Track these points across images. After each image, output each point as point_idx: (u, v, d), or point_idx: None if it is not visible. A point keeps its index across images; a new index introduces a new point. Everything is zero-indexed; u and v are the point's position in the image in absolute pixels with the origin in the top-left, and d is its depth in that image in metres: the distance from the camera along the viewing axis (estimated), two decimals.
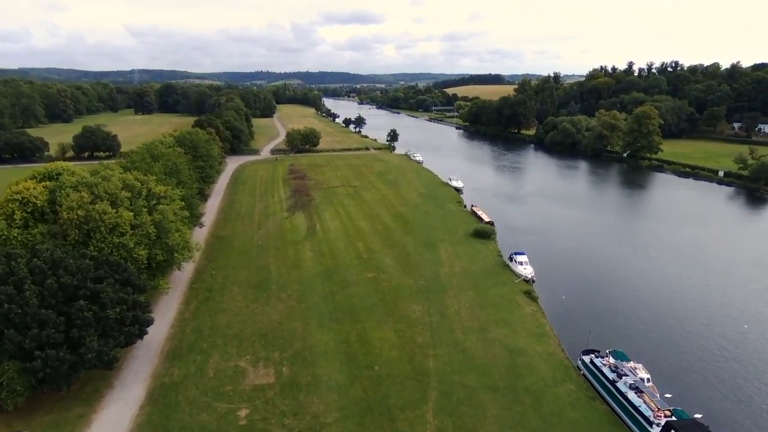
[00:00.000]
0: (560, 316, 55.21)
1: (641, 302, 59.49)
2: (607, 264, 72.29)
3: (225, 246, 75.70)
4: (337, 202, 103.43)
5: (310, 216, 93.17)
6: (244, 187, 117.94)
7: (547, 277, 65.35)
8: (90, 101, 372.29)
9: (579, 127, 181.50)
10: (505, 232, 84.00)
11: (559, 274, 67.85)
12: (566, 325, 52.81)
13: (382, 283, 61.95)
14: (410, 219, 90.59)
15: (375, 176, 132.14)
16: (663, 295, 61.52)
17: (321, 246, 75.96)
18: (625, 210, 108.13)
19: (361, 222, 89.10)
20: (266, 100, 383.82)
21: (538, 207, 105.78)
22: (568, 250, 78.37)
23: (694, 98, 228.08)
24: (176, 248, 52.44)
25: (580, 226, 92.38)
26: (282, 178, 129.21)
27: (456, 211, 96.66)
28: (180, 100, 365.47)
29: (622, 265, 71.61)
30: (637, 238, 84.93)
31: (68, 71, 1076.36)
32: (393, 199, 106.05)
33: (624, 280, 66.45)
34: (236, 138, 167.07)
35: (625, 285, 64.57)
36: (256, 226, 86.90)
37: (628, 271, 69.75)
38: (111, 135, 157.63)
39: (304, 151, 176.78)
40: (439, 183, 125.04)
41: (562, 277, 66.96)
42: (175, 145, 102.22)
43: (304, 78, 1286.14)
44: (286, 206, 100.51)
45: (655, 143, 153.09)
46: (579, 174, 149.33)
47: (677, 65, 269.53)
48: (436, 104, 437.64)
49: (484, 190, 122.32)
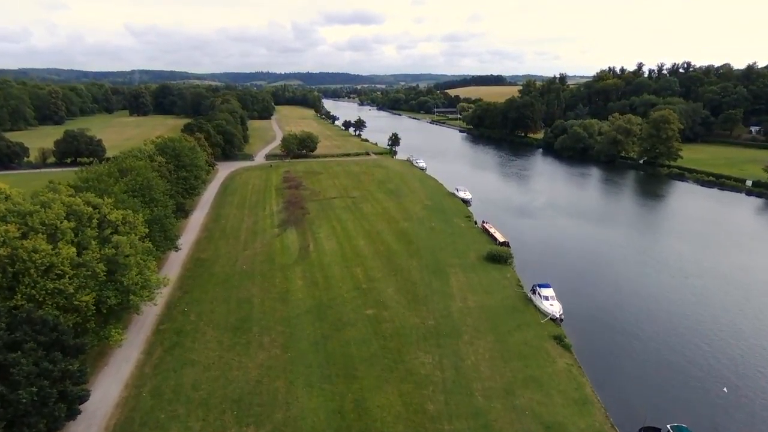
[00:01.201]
0: (600, 370, 45.68)
1: (701, 356, 49.86)
2: (647, 298, 61.99)
3: (204, 272, 66.15)
4: (333, 217, 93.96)
5: (304, 233, 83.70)
6: (234, 199, 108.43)
7: (575, 313, 55.81)
8: (84, 102, 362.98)
9: (591, 132, 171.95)
10: (521, 254, 74.34)
11: (590, 312, 58.17)
12: (611, 384, 43.31)
13: (383, 323, 52.41)
14: (415, 237, 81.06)
15: (375, 185, 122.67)
16: (724, 344, 51.94)
17: (314, 272, 66.46)
18: (654, 227, 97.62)
19: (360, 241, 79.60)
20: (264, 102, 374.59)
21: (555, 223, 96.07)
22: (595, 277, 68.74)
23: (709, 100, 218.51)
24: (133, 289, 42.91)
25: (605, 246, 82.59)
26: (275, 187, 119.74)
27: (465, 228, 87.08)
28: (176, 102, 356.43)
29: (665, 301, 61.15)
30: (674, 263, 74.78)
31: (68, 71, 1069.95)
32: (395, 213, 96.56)
33: (670, 320, 56.60)
34: (229, 143, 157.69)
35: (672, 328, 54.77)
36: (242, 245, 77.38)
37: (674, 308, 59.46)
38: (95, 140, 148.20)
39: (300, 156, 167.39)
40: (445, 193, 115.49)
41: (595, 317, 57.32)
42: (156, 153, 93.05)
43: (304, 78, 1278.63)
44: (277, 221, 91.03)
45: (675, 150, 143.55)
46: (594, 183, 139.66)
47: (689, 66, 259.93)
48: (438, 106, 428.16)
49: (493, 202, 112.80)
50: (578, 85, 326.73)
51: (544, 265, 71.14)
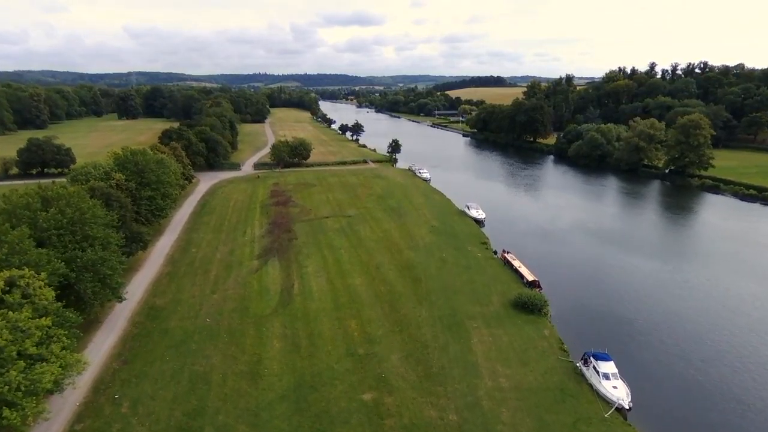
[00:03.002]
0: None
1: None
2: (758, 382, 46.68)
3: (156, 329, 51.62)
4: (325, 243, 79.52)
5: (288, 267, 69.23)
6: (211, 219, 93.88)
7: (648, 401, 41.42)
8: (71, 105, 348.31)
9: (609, 138, 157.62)
10: (557, 298, 59.77)
11: (668, 393, 43.70)
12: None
13: (387, 417, 37.98)
14: (423, 273, 66.65)
15: (374, 201, 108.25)
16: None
17: (296, 327, 52.03)
18: (712, 261, 77.38)
19: (356, 278, 65.15)
20: (259, 104, 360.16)
21: (590, 252, 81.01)
22: (662, 338, 54.04)
23: (729, 103, 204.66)
24: (13, 396, 28.42)
25: (665, 291, 66.89)
26: (261, 204, 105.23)
27: (483, 260, 72.57)
28: (166, 104, 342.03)
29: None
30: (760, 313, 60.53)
31: (64, 73, 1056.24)
32: (398, 238, 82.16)
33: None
34: (212, 151, 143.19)
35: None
36: (210, 285, 62.89)
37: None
38: (63, 148, 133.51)
39: (292, 165, 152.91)
40: (454, 212, 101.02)
41: (678, 404, 42.91)
42: (115, 169, 78.62)
43: (302, 80, 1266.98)
44: (258, 249, 76.54)
45: (707, 158, 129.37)
46: (619, 196, 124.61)
47: (706, 66, 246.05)
48: (439, 108, 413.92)
49: (510, 222, 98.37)
50: (586, 86, 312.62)
51: (590, 318, 56.72)
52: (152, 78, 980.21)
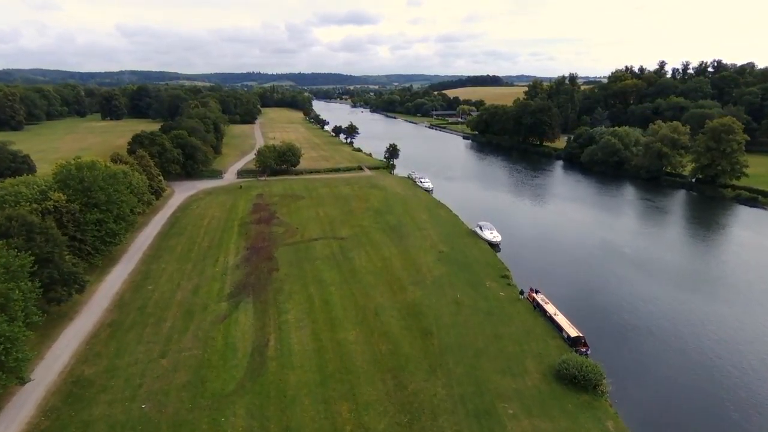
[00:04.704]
0: None
1: None
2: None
3: (72, 424, 37.40)
4: (312, 277, 65.46)
5: (264, 312, 55.14)
6: (178, 243, 79.51)
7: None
8: (51, 105, 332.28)
9: (626, 142, 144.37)
10: (610, 360, 46.12)
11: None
12: None
13: None
14: (434, 322, 52.77)
15: (371, 217, 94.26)
16: None
17: (267, 416, 38.01)
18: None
19: (349, 331, 51.15)
20: (250, 104, 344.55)
21: (636, 288, 66.75)
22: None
23: (747, 104, 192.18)
24: None
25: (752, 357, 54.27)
26: (240, 222, 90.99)
27: (507, 302, 58.67)
28: (152, 104, 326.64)
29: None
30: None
31: (54, 72, 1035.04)
32: (400, 268, 68.21)
33: None
34: (190, 158, 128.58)
35: None
36: (161, 343, 48.67)
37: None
38: (20, 155, 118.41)
39: (279, 172, 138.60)
40: (464, 232, 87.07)
41: None
42: (55, 188, 64.26)
43: (296, 79, 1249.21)
44: (229, 286, 62.38)
45: (740, 166, 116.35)
46: (647, 210, 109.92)
47: (719, 65, 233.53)
48: (436, 108, 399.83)
49: (530, 247, 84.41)
50: (592, 86, 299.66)
51: (668, 396, 43.02)
52: (144, 77, 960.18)
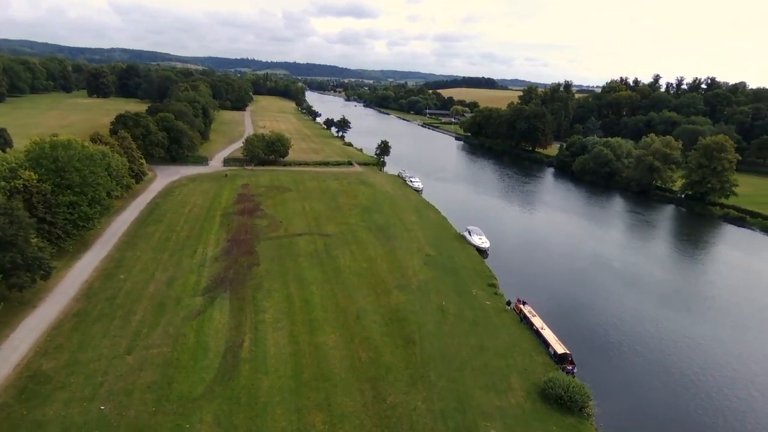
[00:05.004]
0: None
1: None
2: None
3: (23, 423, 34.65)
4: (294, 275, 63.04)
5: (241, 310, 52.63)
6: (156, 230, 76.34)
7: None
8: (36, 78, 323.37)
9: (618, 154, 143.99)
10: (596, 379, 44.69)
11: None
12: None
13: None
14: (417, 330, 50.79)
15: (358, 215, 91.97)
16: None
17: (236, 425, 35.66)
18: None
19: (329, 335, 48.93)
20: (241, 90, 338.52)
21: (624, 304, 66.35)
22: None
23: (738, 123, 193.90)
24: None
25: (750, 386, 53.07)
26: (222, 212, 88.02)
27: (493, 313, 56.95)
28: (141, 84, 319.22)
29: None
30: None
31: (42, 45, 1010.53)
32: (385, 271, 66.12)
33: None
34: (176, 142, 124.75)
35: None
36: (129, 338, 45.91)
37: None
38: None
39: (267, 162, 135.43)
40: (452, 236, 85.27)
41: None
42: (27, 166, 60.89)
43: (291, 68, 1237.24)
44: (207, 280, 59.69)
45: (730, 185, 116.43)
46: (637, 224, 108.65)
47: (713, 82, 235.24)
48: (430, 107, 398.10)
49: (518, 254, 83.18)
50: (587, 95, 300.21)
51: (656, 419, 41.60)
52: (136, 56, 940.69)
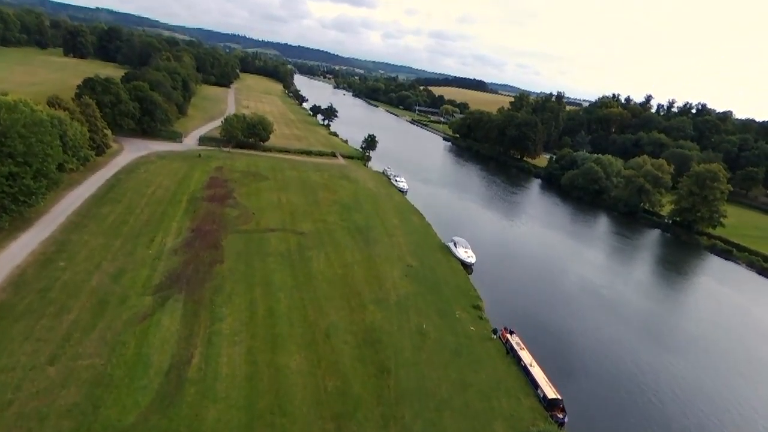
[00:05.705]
0: None
1: None
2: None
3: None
4: (260, 277, 56.55)
5: (195, 316, 46.03)
6: (112, 211, 68.54)
7: None
8: (8, 30, 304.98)
9: (609, 172, 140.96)
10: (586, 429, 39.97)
11: None
12: None
13: None
14: (393, 357, 45.12)
15: (338, 213, 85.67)
16: None
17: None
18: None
19: (293, 356, 42.80)
20: (228, 67, 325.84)
21: (618, 342, 62.40)
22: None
23: (725, 152, 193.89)
24: None
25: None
26: (190, 196, 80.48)
27: (477, 341, 51.61)
28: (122, 48, 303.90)
29: None
30: None
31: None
32: (362, 280, 60.22)
33: None
34: (148, 114, 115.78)
35: None
36: (56, 344, 38.90)
37: None
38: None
39: (246, 146, 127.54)
40: (436, 246, 79.73)
41: None
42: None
43: (282, 49, 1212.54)
44: (160, 275, 52.71)
45: (719, 215, 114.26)
46: (626, 248, 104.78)
47: (704, 108, 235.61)
48: (420, 104, 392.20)
49: (504, 271, 78.29)
50: (578, 108, 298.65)
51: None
52: (122, 18, 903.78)
